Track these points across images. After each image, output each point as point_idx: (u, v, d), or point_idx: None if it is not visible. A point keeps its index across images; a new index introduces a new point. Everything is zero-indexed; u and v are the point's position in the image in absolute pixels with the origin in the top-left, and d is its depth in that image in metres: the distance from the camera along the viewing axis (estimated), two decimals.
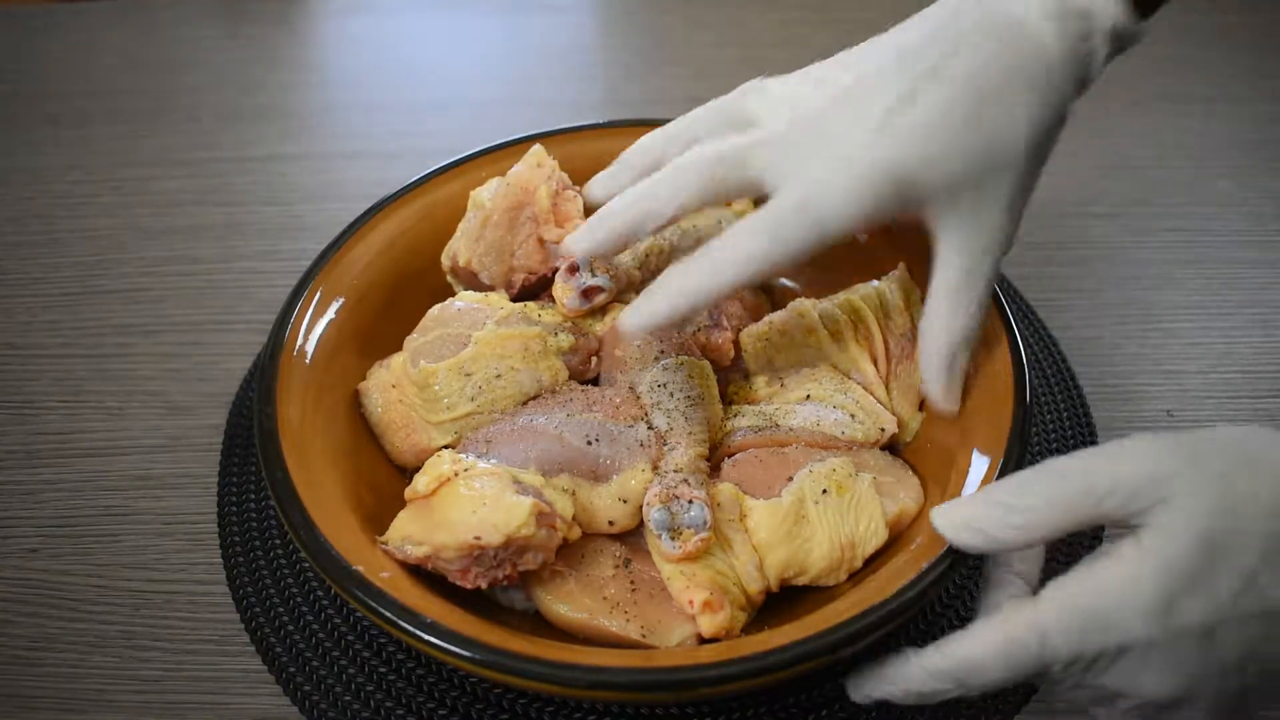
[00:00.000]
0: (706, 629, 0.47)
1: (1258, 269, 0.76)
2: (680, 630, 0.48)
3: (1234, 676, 0.40)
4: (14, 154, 0.85)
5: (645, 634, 0.48)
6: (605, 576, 0.49)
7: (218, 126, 0.88)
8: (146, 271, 0.75)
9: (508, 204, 0.59)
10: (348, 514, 0.50)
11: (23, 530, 0.60)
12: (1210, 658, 0.40)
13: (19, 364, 0.69)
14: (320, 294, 0.58)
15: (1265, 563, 0.39)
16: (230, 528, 0.60)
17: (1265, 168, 0.84)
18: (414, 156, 0.80)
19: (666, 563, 0.49)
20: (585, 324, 0.58)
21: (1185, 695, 0.41)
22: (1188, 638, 0.39)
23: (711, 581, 0.48)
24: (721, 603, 0.47)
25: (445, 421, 0.55)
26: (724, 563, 0.49)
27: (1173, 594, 0.39)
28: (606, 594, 0.49)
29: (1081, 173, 0.83)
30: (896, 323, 0.59)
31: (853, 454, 0.53)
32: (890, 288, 0.59)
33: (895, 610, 0.44)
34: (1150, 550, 0.40)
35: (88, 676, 0.54)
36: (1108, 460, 0.41)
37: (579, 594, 0.48)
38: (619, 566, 0.50)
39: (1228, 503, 0.40)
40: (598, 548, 0.51)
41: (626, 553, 0.51)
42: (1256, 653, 0.40)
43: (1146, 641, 0.40)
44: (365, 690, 0.53)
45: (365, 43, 1.00)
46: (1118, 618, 0.40)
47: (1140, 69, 0.94)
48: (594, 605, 0.48)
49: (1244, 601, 0.39)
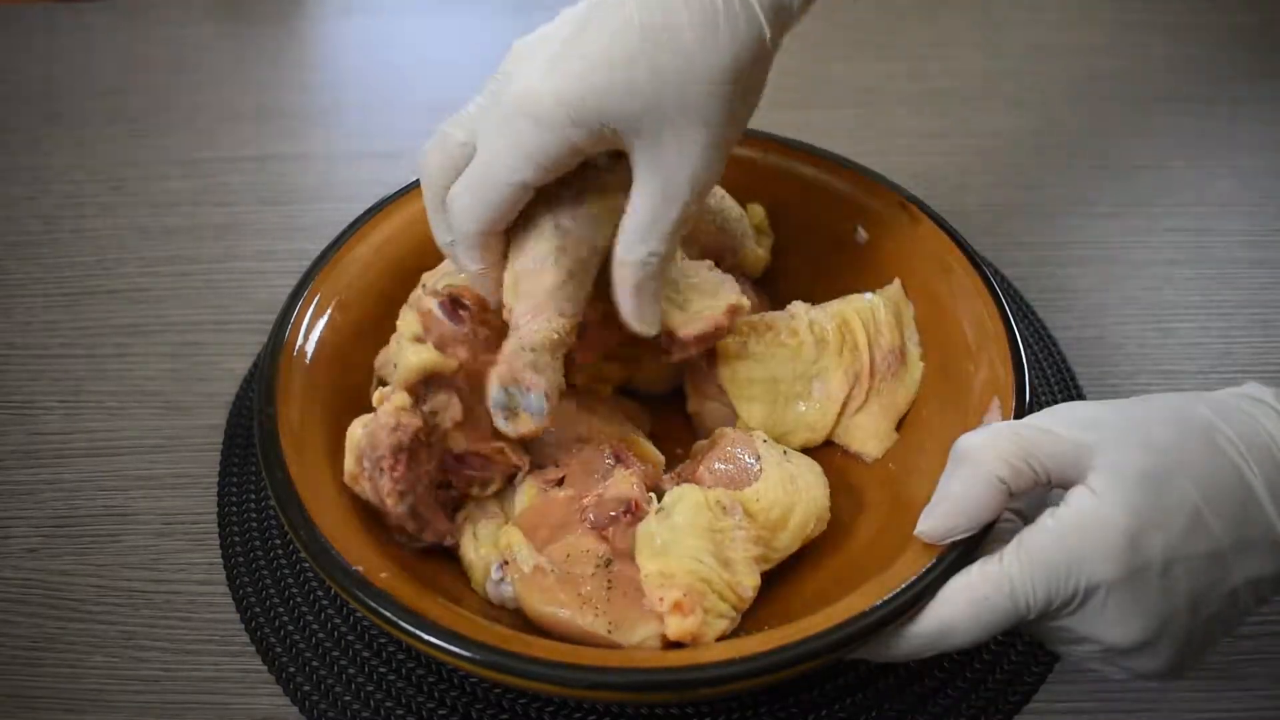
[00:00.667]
0: (673, 631, 0.47)
1: (1258, 269, 0.76)
2: (645, 628, 0.47)
3: (1186, 619, 0.42)
4: (14, 154, 0.85)
5: (611, 629, 0.47)
6: (585, 575, 0.49)
7: (218, 126, 0.88)
8: (146, 271, 0.75)
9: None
10: (348, 514, 0.50)
11: (23, 530, 0.60)
12: (1169, 598, 0.42)
13: (19, 364, 0.69)
14: (320, 294, 0.58)
15: (1206, 500, 0.42)
16: (230, 528, 0.60)
17: (1265, 168, 0.84)
18: (414, 156, 0.80)
19: (648, 561, 0.49)
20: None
21: (1147, 639, 0.42)
22: (1149, 576, 0.41)
23: (689, 584, 0.48)
24: (693, 607, 0.47)
25: None
26: (712, 569, 0.49)
27: (1133, 530, 0.41)
28: (582, 590, 0.48)
29: (1081, 173, 0.83)
30: (885, 338, 0.59)
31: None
32: (881, 303, 0.59)
33: (894, 611, 0.44)
34: (1104, 492, 0.42)
35: (88, 676, 0.54)
36: (1036, 432, 0.44)
37: (555, 589, 0.48)
38: (600, 566, 0.50)
39: (1154, 441, 0.43)
40: (583, 548, 0.50)
41: (610, 554, 0.50)
42: (1205, 596, 0.42)
43: (1111, 581, 0.41)
44: (365, 690, 0.53)
45: (365, 43, 1.00)
46: (1084, 561, 0.42)
47: (1140, 69, 0.94)
48: (567, 599, 0.48)
49: (1193, 541, 0.41)
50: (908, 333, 0.60)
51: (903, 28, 0.99)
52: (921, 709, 0.53)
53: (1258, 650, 0.55)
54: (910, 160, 0.83)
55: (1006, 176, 0.83)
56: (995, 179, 0.83)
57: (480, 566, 0.52)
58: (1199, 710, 0.53)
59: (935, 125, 0.88)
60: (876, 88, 0.91)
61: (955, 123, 0.88)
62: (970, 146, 0.86)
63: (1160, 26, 0.98)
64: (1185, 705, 0.53)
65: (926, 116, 0.89)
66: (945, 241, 0.60)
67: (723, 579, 0.49)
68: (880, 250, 0.63)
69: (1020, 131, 0.87)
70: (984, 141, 0.86)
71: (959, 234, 0.60)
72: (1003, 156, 0.85)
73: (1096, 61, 0.95)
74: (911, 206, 0.62)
